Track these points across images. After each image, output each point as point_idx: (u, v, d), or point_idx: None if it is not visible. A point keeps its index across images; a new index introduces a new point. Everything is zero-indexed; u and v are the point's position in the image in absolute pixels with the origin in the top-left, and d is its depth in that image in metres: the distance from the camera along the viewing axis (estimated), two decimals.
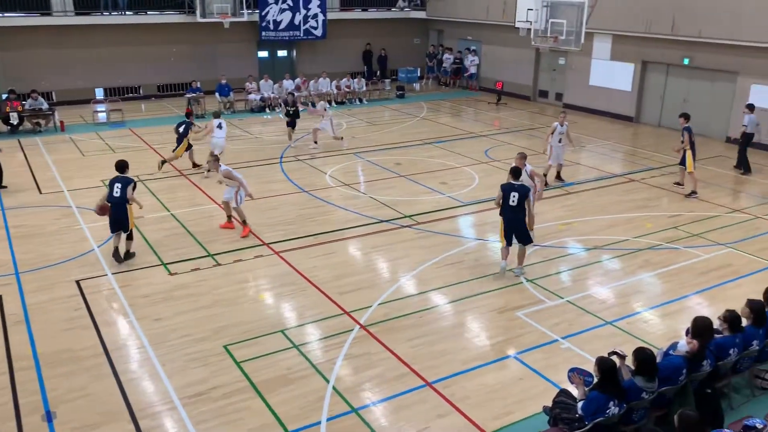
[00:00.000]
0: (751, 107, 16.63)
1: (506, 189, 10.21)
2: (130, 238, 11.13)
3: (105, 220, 11.19)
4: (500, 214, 10.38)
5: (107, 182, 11.06)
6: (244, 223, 12.36)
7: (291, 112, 19.62)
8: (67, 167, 16.66)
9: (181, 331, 8.88)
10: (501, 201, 10.23)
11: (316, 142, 18.66)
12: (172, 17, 25.26)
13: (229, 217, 12.57)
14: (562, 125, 14.99)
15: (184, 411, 7.24)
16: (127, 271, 10.72)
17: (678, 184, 15.32)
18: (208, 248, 11.65)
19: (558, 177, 15.61)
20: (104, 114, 22.38)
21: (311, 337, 8.79)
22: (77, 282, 10.28)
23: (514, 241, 10.39)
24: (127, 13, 24.86)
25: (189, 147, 16.36)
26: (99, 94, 24.70)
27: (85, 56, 24.62)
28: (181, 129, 16.09)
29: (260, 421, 7.12)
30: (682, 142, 14.61)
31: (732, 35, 18.53)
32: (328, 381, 7.79)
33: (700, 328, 6.87)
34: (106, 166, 16.66)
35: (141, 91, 26.30)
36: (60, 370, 7.97)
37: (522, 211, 10.22)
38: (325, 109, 18.72)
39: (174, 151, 16.17)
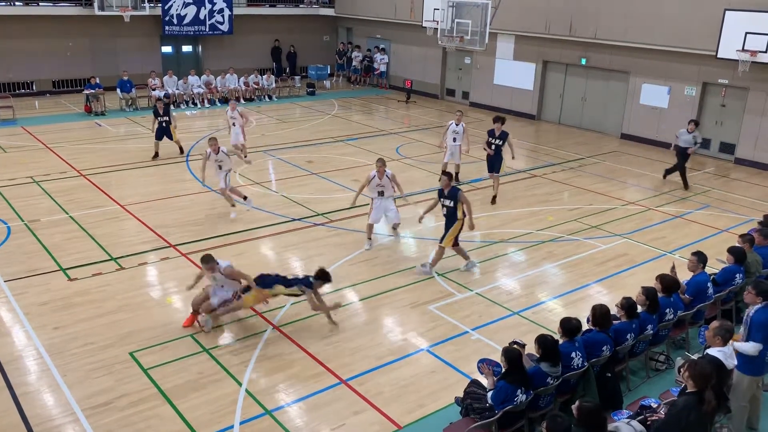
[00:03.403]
0: (696, 123, 15.72)
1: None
2: None
3: None
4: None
5: None
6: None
7: (165, 123, 16.67)
8: None
9: (83, 339, 8.46)
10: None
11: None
12: (67, 9, 23.96)
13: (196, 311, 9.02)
14: (457, 124, 14.97)
15: (87, 422, 6.91)
16: (22, 278, 10.09)
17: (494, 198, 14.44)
18: (110, 251, 11.14)
19: (455, 178, 15.66)
20: None
21: (223, 341, 8.60)
22: None
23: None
24: (16, 3, 23.35)
25: None
26: None
27: None
28: None
29: (170, 428, 6.89)
30: (503, 144, 14.00)
31: (624, 37, 19.63)
32: (240, 384, 7.65)
33: (599, 315, 7.26)
34: None
35: (34, 87, 24.80)
36: None
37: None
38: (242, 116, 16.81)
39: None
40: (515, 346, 6.71)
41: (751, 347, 6.57)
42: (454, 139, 15.09)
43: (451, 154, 15.26)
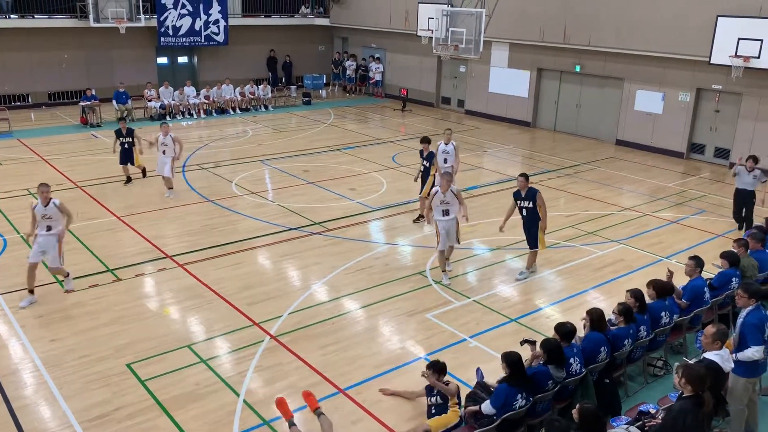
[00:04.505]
0: (756, 160, 12.78)
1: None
2: None
3: None
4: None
5: None
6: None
7: (128, 145, 15.35)
8: None
9: (80, 352, 8.43)
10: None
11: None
12: (62, 21, 24.00)
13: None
14: (446, 144, 13.43)
15: None
16: (16, 290, 10.06)
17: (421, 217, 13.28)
18: (106, 263, 11.12)
19: None
20: None
21: (220, 351, 8.58)
22: None
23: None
24: (11, 16, 23.40)
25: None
26: None
27: None
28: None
29: None
30: (431, 165, 13.05)
31: (618, 44, 19.72)
32: (238, 394, 7.63)
33: (596, 318, 7.32)
34: None
35: (30, 99, 24.81)
36: None
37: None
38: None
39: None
40: (526, 343, 6.75)
41: (752, 352, 6.55)
42: (445, 160, 13.49)
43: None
